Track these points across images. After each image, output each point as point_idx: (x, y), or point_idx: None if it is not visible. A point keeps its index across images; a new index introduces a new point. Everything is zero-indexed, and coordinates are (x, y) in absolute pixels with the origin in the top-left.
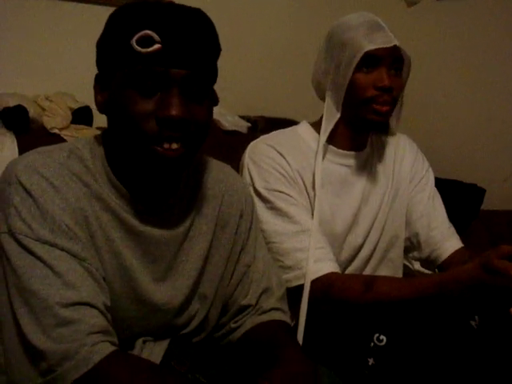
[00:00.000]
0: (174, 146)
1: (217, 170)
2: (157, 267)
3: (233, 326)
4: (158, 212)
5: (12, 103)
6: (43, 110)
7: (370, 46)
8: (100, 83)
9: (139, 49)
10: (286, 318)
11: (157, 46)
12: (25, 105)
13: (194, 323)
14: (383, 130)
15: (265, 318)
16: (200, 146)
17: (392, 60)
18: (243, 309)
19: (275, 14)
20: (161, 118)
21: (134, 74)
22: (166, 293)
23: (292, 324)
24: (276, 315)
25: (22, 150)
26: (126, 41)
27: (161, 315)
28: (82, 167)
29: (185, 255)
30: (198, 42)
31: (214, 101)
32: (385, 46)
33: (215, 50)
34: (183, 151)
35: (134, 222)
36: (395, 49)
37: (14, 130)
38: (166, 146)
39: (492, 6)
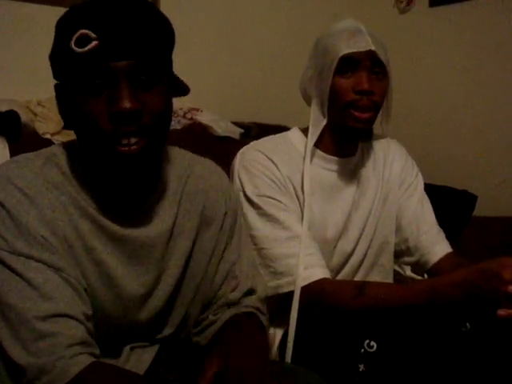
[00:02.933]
0: (133, 139)
1: (201, 167)
2: (144, 270)
3: (212, 318)
4: (139, 213)
5: (4, 108)
6: (35, 115)
7: (346, 50)
8: (58, 95)
9: (77, 50)
10: (264, 318)
11: (94, 43)
12: (17, 110)
13: (175, 321)
14: (366, 137)
15: (242, 310)
16: (163, 135)
17: (371, 63)
18: (227, 305)
19: (268, 21)
20: (112, 114)
21: (79, 77)
22: (152, 293)
23: (283, 330)
24: (254, 311)
25: (14, 155)
26: (66, 45)
27: (146, 315)
28: (59, 174)
29: (170, 253)
30: (138, 30)
31: (180, 90)
32: (360, 50)
33: (161, 37)
34: (144, 144)
35: (115, 227)
36: (372, 53)
37: (6, 136)
38: (125, 141)
39: (484, 12)
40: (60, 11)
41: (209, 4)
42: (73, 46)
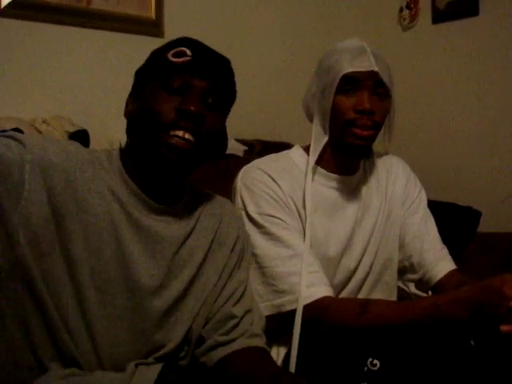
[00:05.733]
0: (187, 135)
1: (217, 198)
2: (156, 264)
3: (219, 339)
4: (163, 214)
5: (9, 126)
6: (40, 133)
7: (348, 69)
8: (133, 96)
9: (173, 59)
10: (268, 348)
11: (187, 58)
12: (22, 128)
13: (179, 333)
14: (365, 155)
15: (254, 342)
16: (209, 153)
17: (373, 83)
18: (229, 318)
19: (271, 39)
20: (180, 110)
21: (165, 79)
22: (159, 291)
23: (286, 348)
24: (262, 343)
25: None
26: (163, 56)
27: (151, 312)
28: (99, 167)
29: (182, 260)
30: (220, 65)
31: (222, 142)
32: (363, 70)
33: (231, 86)
34: (193, 146)
35: (141, 216)
36: (375, 73)
37: None
38: (180, 133)
39: (487, 29)
40: (66, 30)
41: (212, 21)
42: (170, 56)
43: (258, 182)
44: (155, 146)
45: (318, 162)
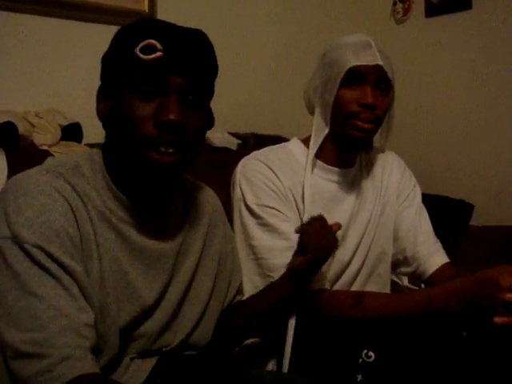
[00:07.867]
0: (170, 149)
1: (203, 191)
2: (156, 279)
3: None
4: (157, 224)
5: (1, 120)
6: (33, 126)
7: (354, 62)
8: (104, 93)
9: (142, 56)
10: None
11: (159, 53)
12: (14, 121)
13: (189, 325)
14: (364, 148)
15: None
16: (194, 155)
17: (377, 78)
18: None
19: (266, 32)
20: (160, 122)
21: (136, 80)
22: (160, 303)
23: (281, 340)
24: None
25: (11, 166)
26: (130, 50)
27: (150, 325)
28: (86, 184)
29: (179, 264)
30: (196, 54)
31: (210, 121)
32: (368, 64)
33: (212, 66)
34: (178, 158)
35: (137, 237)
36: (380, 68)
37: (4, 147)
38: (163, 149)
39: (480, 22)
40: (59, 23)
41: (206, 14)
42: (138, 52)
43: (257, 173)
44: (138, 161)
45: (317, 155)
